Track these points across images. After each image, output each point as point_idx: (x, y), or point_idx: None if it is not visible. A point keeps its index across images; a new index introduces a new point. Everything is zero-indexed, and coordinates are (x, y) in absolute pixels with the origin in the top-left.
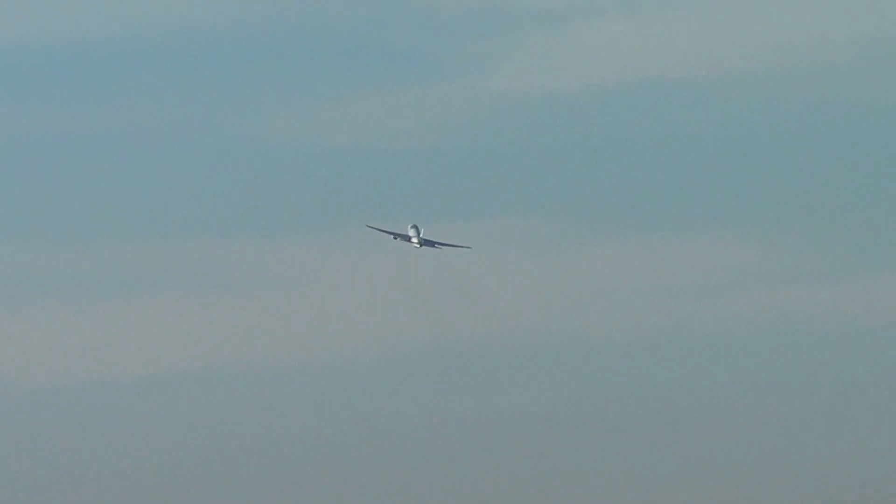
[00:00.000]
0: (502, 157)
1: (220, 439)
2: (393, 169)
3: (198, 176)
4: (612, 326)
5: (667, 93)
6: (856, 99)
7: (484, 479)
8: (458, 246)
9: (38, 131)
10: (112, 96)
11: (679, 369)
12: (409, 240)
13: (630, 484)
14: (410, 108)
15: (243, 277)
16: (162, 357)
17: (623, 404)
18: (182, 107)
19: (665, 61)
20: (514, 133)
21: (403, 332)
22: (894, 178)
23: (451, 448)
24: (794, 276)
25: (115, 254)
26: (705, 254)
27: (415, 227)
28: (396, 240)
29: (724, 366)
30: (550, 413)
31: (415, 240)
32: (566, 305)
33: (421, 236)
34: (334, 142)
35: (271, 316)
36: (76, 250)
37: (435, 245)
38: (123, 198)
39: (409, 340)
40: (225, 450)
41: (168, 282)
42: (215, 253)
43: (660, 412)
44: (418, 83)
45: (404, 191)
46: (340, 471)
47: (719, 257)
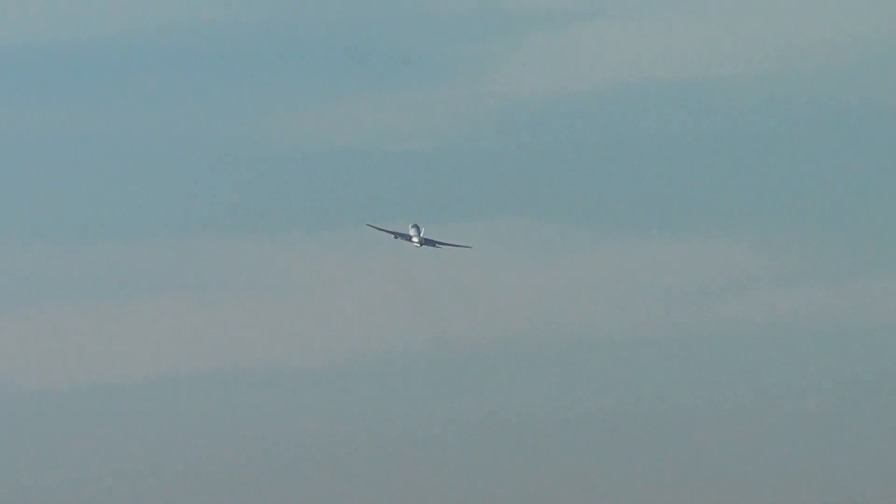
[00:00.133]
0: (503, 159)
1: (220, 440)
2: (394, 170)
3: (199, 177)
4: (612, 328)
5: (668, 94)
6: (858, 100)
7: (483, 479)
8: (458, 245)
9: (38, 132)
10: (111, 97)
11: (680, 371)
12: (410, 239)
13: (632, 486)
14: (411, 110)
15: (244, 278)
16: (162, 358)
17: (624, 406)
18: (183, 108)
19: (666, 63)
20: (514, 134)
21: (404, 333)
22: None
23: (450, 448)
24: (795, 278)
25: (116, 255)
26: (706, 255)
27: (415, 226)
28: (397, 239)
29: (726, 368)
30: (551, 414)
31: (415, 239)
32: (567, 307)
33: (421, 236)
34: (335, 143)
35: (272, 317)
36: (77, 251)
37: (435, 244)
38: (124, 199)
39: (409, 341)
40: (226, 451)
41: (168, 283)
42: (216, 254)
43: (661, 414)
44: (419, 84)
45: (405, 192)
46: (341, 471)
47: (720, 259)
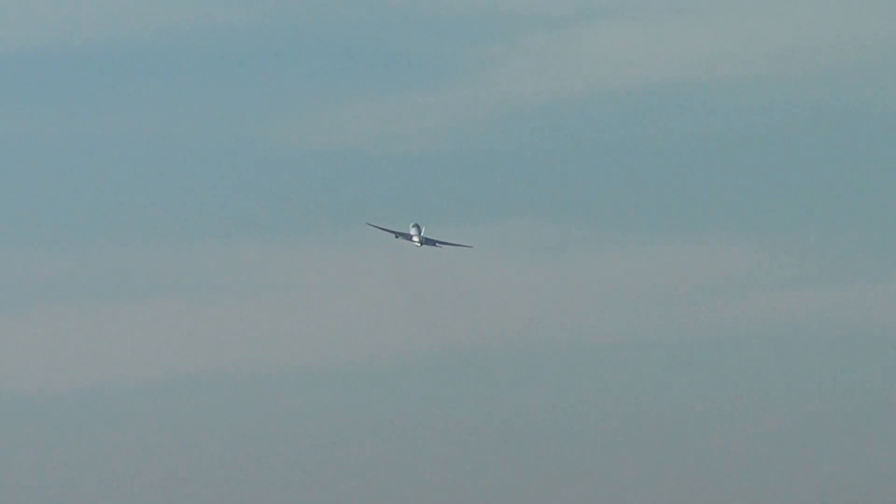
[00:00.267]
0: (505, 161)
1: (220, 441)
2: (394, 172)
3: (199, 178)
4: (613, 329)
5: (668, 96)
6: (858, 101)
7: (484, 479)
8: (458, 245)
9: (39, 133)
10: (112, 98)
11: (681, 373)
12: (411, 238)
13: (633, 487)
14: (413, 112)
15: (244, 278)
16: (163, 359)
17: (625, 407)
18: (183, 109)
19: (666, 64)
20: (516, 136)
21: (404, 333)
22: None
23: (451, 448)
24: (795, 280)
25: (117, 257)
26: (709, 257)
27: (416, 225)
28: (398, 238)
29: (729, 370)
30: (552, 416)
31: (416, 238)
32: (567, 308)
33: (422, 235)
34: (336, 144)
35: (272, 318)
36: (77, 252)
37: (436, 244)
38: (124, 200)
39: (409, 341)
40: (226, 452)
41: (168, 284)
42: (216, 255)
43: (663, 415)
44: (421, 86)
45: (407, 194)
46: (341, 472)
47: (723, 261)
